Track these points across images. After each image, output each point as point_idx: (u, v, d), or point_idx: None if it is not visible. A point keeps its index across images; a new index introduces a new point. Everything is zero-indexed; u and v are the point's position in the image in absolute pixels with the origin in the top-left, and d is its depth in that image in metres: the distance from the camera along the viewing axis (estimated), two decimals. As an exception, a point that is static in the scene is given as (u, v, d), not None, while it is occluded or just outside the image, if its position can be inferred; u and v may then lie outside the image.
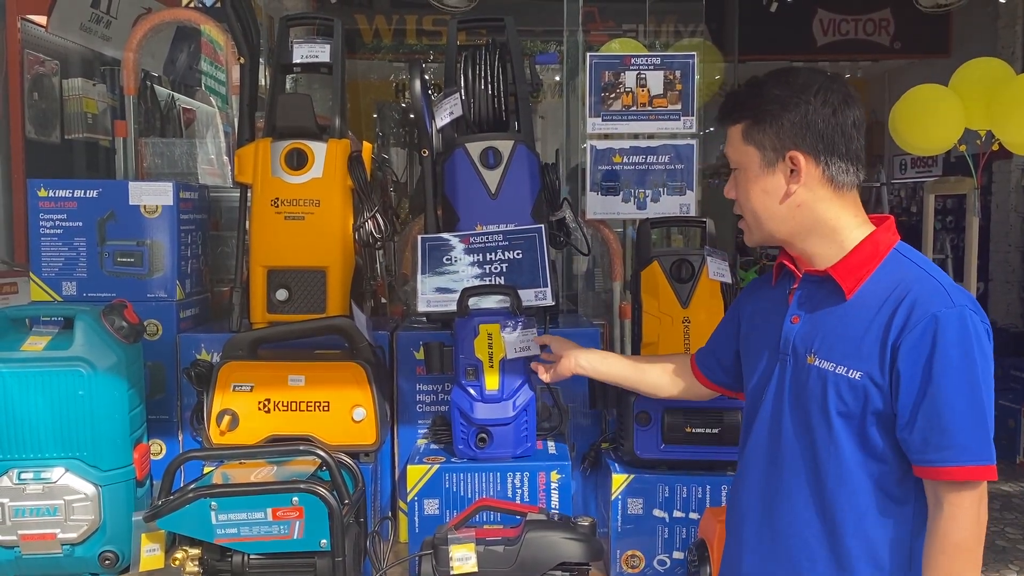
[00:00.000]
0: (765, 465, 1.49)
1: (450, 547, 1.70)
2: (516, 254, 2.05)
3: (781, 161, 1.42)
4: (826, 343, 1.40)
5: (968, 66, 3.30)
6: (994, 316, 7.26)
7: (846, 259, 1.42)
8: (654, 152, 2.74)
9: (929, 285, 1.34)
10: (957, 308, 1.31)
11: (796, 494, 1.43)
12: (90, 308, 1.95)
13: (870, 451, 1.37)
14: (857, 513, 1.38)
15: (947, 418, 1.30)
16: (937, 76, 3.44)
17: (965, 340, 1.30)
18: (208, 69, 4.59)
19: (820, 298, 1.44)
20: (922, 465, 1.33)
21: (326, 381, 2.02)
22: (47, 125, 3.48)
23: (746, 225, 1.50)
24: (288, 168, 2.13)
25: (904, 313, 1.33)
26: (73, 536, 1.90)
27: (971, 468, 1.30)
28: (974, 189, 3.25)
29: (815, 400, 1.40)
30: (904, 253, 1.42)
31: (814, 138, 1.40)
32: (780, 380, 1.47)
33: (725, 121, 1.48)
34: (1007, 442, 5.63)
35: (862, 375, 1.35)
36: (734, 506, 1.57)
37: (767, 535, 1.47)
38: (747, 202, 1.46)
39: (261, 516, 1.68)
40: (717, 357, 1.73)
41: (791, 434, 1.44)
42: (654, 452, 2.04)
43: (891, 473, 1.37)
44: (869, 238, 1.42)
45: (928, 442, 1.31)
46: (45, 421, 1.89)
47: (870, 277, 1.40)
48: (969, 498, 1.31)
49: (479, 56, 2.31)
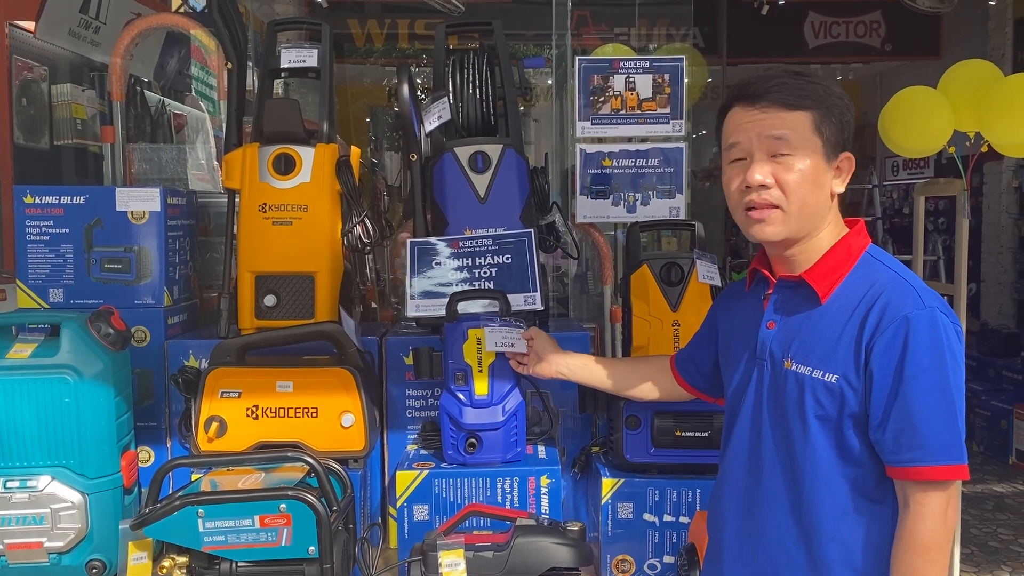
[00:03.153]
0: (745, 470, 1.49)
1: (439, 553, 1.69)
2: (505, 258, 2.05)
3: (834, 158, 1.42)
4: (803, 347, 1.41)
5: (956, 68, 3.31)
6: (986, 317, 7.29)
7: (820, 263, 1.43)
8: (644, 155, 2.74)
9: (901, 287, 1.36)
10: (928, 309, 1.32)
11: (775, 498, 1.44)
12: (76, 315, 1.94)
13: (847, 454, 1.38)
14: (835, 515, 1.39)
15: (918, 418, 1.31)
16: (928, 77, 3.45)
17: (936, 341, 1.32)
18: (198, 74, 4.59)
19: (795, 303, 1.45)
20: (894, 465, 1.34)
21: (314, 387, 2.01)
22: (35, 131, 3.47)
23: (779, 216, 1.40)
24: (276, 173, 2.13)
25: (877, 315, 1.34)
26: (60, 545, 1.89)
27: (942, 468, 1.31)
28: (963, 191, 3.25)
29: (792, 404, 1.40)
30: (875, 256, 1.44)
31: (851, 142, 1.43)
32: (758, 385, 1.47)
33: (790, 103, 1.39)
34: (999, 443, 5.66)
35: (838, 378, 1.36)
36: (715, 511, 1.58)
37: (747, 539, 1.48)
38: (799, 190, 1.39)
39: (249, 523, 1.67)
40: (696, 363, 1.74)
41: (769, 438, 1.45)
42: (644, 456, 2.04)
43: (868, 476, 1.38)
44: (842, 241, 1.44)
45: (900, 442, 1.32)
46: (31, 429, 1.88)
47: (843, 281, 1.41)
48: (937, 498, 1.32)
49: (467, 60, 2.31)
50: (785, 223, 1.41)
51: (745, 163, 1.42)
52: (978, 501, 4.82)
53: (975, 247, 7.50)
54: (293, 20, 2.53)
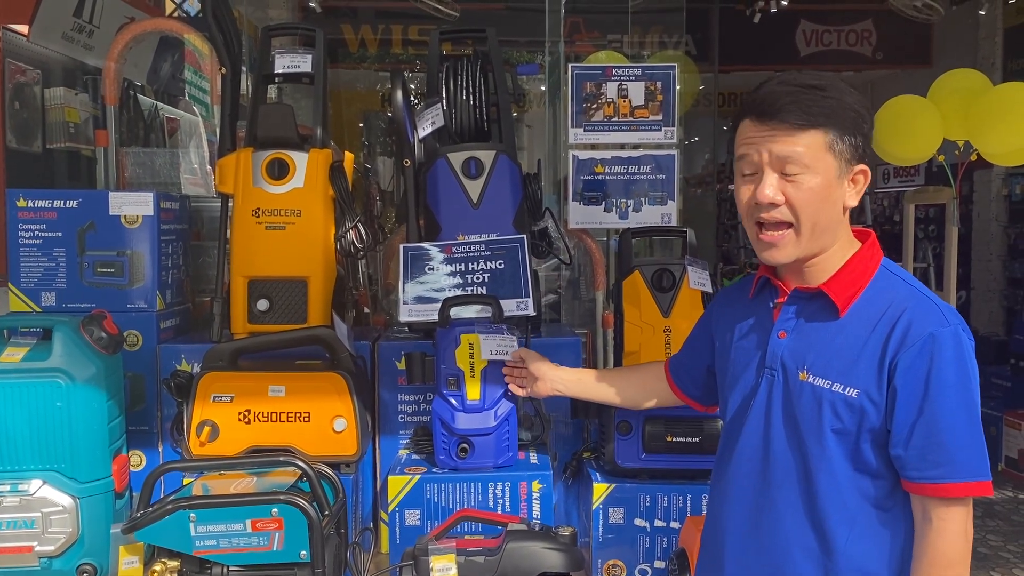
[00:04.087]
0: (752, 480, 1.46)
1: (431, 558, 1.70)
2: (498, 264, 2.06)
3: (848, 173, 1.38)
4: (820, 360, 1.38)
5: (946, 77, 3.34)
6: (976, 325, 7.33)
7: (837, 276, 1.41)
8: (636, 162, 2.75)
9: (924, 304, 1.35)
10: (952, 327, 1.32)
11: (785, 509, 1.42)
12: (69, 319, 1.94)
13: (862, 467, 1.37)
14: (848, 527, 1.37)
15: (946, 435, 1.30)
16: (919, 86, 3.48)
17: (960, 358, 1.32)
18: (192, 78, 4.58)
19: (810, 314, 1.43)
20: (917, 482, 1.33)
21: (307, 392, 2.01)
22: (28, 134, 3.46)
23: (790, 237, 1.38)
24: (269, 178, 2.13)
25: (901, 331, 1.33)
26: (51, 549, 1.88)
27: (968, 484, 1.31)
28: (953, 199, 3.28)
29: (809, 417, 1.38)
30: (892, 270, 1.43)
31: (867, 153, 1.40)
32: (768, 396, 1.44)
33: (802, 123, 1.34)
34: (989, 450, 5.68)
35: (859, 393, 1.34)
36: (715, 522, 1.55)
37: (753, 550, 1.46)
38: (808, 208, 1.36)
39: (240, 528, 1.67)
40: (689, 370, 1.73)
41: (781, 450, 1.42)
42: (635, 461, 2.04)
43: (881, 488, 1.37)
44: (857, 255, 1.42)
45: (926, 459, 1.31)
46: (23, 433, 1.87)
47: (862, 294, 1.39)
48: (959, 514, 1.32)
49: (461, 67, 2.32)
50: (797, 244, 1.38)
51: (756, 177, 1.39)
52: (967, 507, 4.82)
53: (964, 255, 7.54)
54: (288, 25, 2.54)
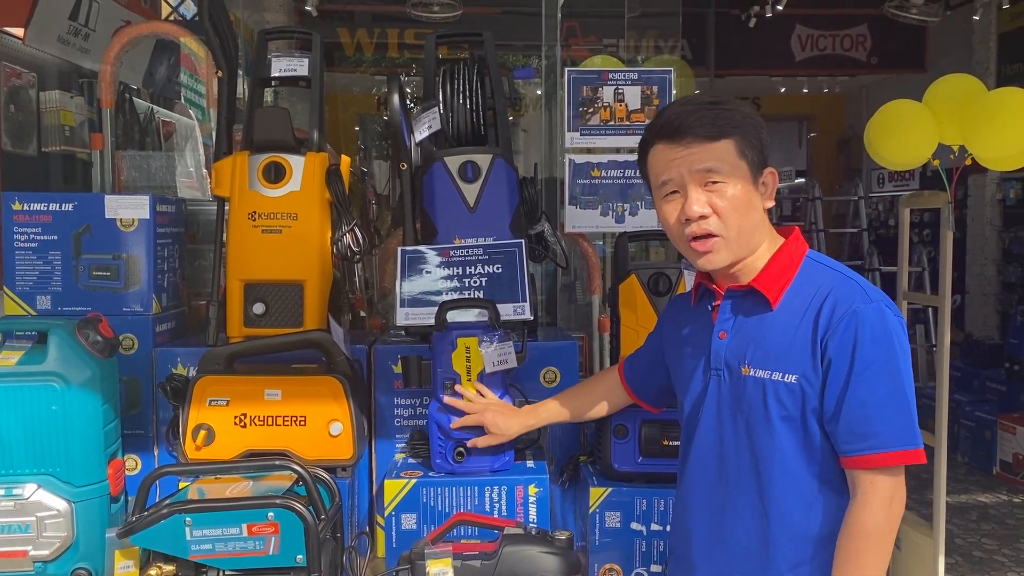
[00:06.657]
0: (709, 480, 1.52)
1: (427, 562, 1.69)
2: (495, 268, 2.06)
3: (760, 176, 1.48)
4: (759, 352, 1.45)
5: (941, 82, 3.35)
6: (970, 328, 7.35)
7: (765, 271, 1.48)
8: (632, 166, 2.75)
9: (847, 284, 1.42)
10: (875, 304, 1.39)
11: (743, 503, 1.47)
12: (64, 322, 1.93)
13: (812, 449, 1.42)
14: (802, 510, 1.43)
15: (870, 408, 1.36)
16: (913, 90, 3.49)
17: (884, 332, 1.37)
18: (187, 81, 4.58)
19: (746, 311, 1.50)
20: (847, 455, 1.39)
21: (303, 395, 2.01)
22: (24, 137, 3.46)
23: (721, 243, 1.46)
24: (265, 181, 2.13)
25: (828, 311, 1.40)
26: (45, 553, 1.88)
27: (893, 454, 1.36)
28: (948, 203, 3.29)
29: (756, 408, 1.44)
30: (816, 259, 1.50)
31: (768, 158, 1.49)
32: (717, 395, 1.51)
33: (712, 134, 1.44)
34: (984, 454, 5.70)
35: (797, 378, 1.41)
36: (681, 527, 1.60)
37: (719, 550, 1.51)
38: (733, 215, 1.44)
39: (236, 532, 1.67)
40: (642, 378, 1.81)
41: (733, 445, 1.48)
42: (632, 465, 2.04)
43: (833, 468, 1.42)
44: (782, 249, 1.50)
45: (853, 432, 1.37)
46: (17, 436, 1.87)
47: (791, 285, 1.46)
48: (883, 484, 1.37)
49: (458, 70, 2.32)
50: (728, 249, 1.46)
51: (680, 195, 1.48)
52: (962, 511, 4.85)
53: (959, 259, 7.57)
54: (284, 29, 2.53)
